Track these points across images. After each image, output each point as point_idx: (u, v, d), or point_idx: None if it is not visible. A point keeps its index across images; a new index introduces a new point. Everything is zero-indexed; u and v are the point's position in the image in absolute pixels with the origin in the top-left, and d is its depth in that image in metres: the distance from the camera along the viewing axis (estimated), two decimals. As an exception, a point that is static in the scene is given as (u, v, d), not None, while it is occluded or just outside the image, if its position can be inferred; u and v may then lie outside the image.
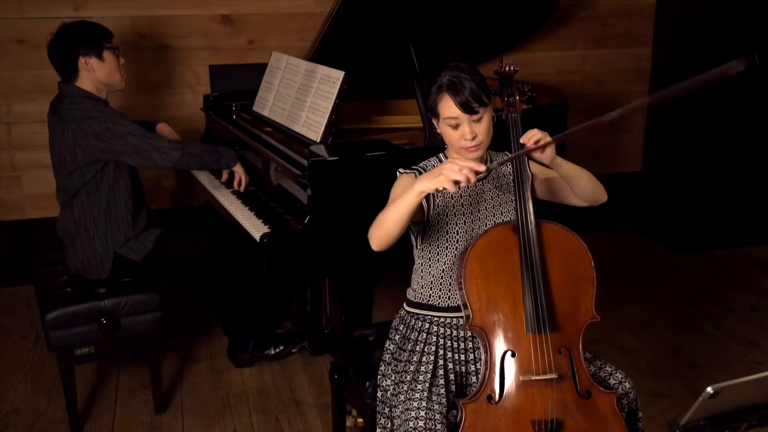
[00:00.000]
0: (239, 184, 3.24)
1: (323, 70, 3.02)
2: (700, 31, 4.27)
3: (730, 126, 4.44)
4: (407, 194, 1.91)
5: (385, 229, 1.98)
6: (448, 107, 2.02)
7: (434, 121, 2.11)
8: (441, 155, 2.18)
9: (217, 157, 3.15)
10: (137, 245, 3.01)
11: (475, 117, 2.02)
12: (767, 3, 4.26)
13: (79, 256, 2.97)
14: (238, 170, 3.22)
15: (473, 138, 2.03)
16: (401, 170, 2.16)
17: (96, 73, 2.96)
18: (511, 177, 2.16)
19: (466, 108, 2.00)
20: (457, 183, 1.83)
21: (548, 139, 2.03)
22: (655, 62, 4.69)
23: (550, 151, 2.04)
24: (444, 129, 2.07)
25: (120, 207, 2.98)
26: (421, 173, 2.11)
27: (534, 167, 2.21)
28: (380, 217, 2.00)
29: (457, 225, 2.12)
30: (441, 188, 1.85)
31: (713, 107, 4.38)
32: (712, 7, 4.22)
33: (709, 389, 1.46)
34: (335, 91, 2.89)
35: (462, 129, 2.03)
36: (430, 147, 2.93)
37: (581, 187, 2.15)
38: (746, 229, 4.64)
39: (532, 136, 2.04)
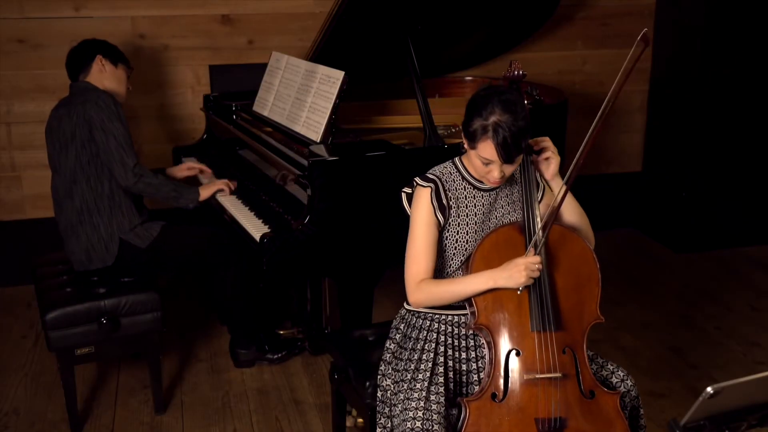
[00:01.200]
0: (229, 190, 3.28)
1: (323, 70, 3.02)
2: (700, 31, 4.27)
3: (730, 126, 4.44)
4: (479, 282, 2.01)
5: (438, 302, 2.10)
6: (488, 150, 1.98)
7: (465, 143, 2.07)
8: (457, 160, 2.15)
9: (176, 195, 3.13)
10: (143, 232, 3.03)
11: (509, 164, 2.02)
12: (767, 3, 4.26)
13: (84, 244, 2.98)
14: (205, 197, 3.22)
15: (501, 177, 2.04)
16: (418, 180, 2.12)
17: (106, 74, 3.07)
18: (519, 180, 2.16)
19: (506, 159, 1.99)
20: (537, 276, 2.00)
21: (556, 154, 2.10)
22: (655, 62, 4.69)
23: (554, 166, 2.11)
24: (473, 157, 2.04)
25: (122, 194, 3.01)
26: (437, 184, 2.09)
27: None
28: (435, 291, 2.07)
29: (467, 234, 2.12)
30: (521, 286, 1.99)
31: (713, 107, 4.37)
32: (712, 7, 4.21)
33: (709, 389, 1.46)
34: (335, 91, 2.89)
35: (491, 168, 2.02)
36: (430, 147, 2.93)
37: (572, 216, 2.18)
38: (746, 229, 4.64)
39: (540, 141, 2.05)
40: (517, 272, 1.97)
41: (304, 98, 3.07)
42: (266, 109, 3.36)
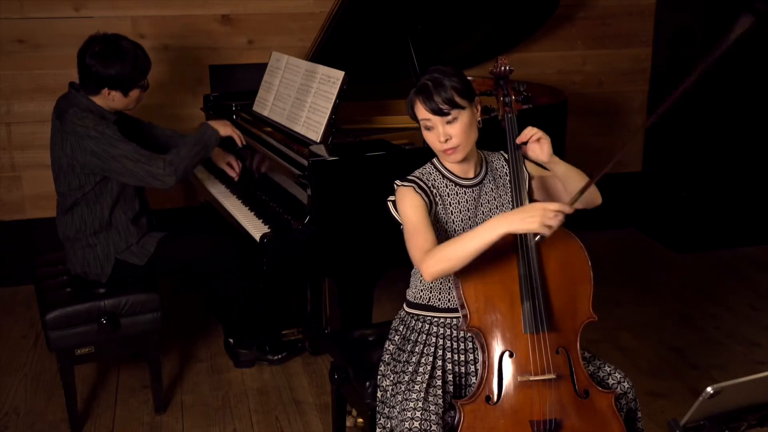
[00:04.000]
0: (235, 175, 3.25)
1: (323, 70, 3.02)
2: (700, 31, 4.27)
3: (730, 126, 4.44)
4: (485, 232, 1.88)
5: (452, 264, 1.93)
6: (420, 110, 2.05)
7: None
8: (435, 161, 2.17)
9: (203, 149, 3.00)
10: (139, 250, 3.00)
11: (447, 119, 2.02)
12: (767, 3, 4.25)
13: (80, 260, 2.97)
14: (228, 133, 3.10)
15: (446, 140, 2.03)
16: (398, 182, 2.12)
17: (114, 102, 2.93)
18: (508, 178, 2.16)
19: (435, 110, 2.01)
20: (551, 228, 1.86)
21: (545, 134, 2.08)
22: (655, 62, 4.69)
23: (546, 146, 2.09)
24: (423, 132, 2.09)
25: (120, 216, 2.97)
26: (419, 184, 2.09)
27: (530, 167, 2.22)
28: (444, 253, 1.93)
29: (456, 228, 2.12)
30: (535, 234, 1.91)
31: (713, 107, 4.38)
32: (712, 7, 4.21)
33: (709, 389, 1.46)
34: (335, 91, 2.89)
35: (436, 131, 2.04)
36: (429, 147, 2.93)
37: (576, 187, 2.12)
38: (746, 229, 4.64)
39: (526, 133, 2.08)
40: (530, 216, 1.84)
41: (304, 98, 3.07)
42: (266, 109, 3.36)
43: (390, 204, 2.14)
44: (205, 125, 3.08)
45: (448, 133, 2.03)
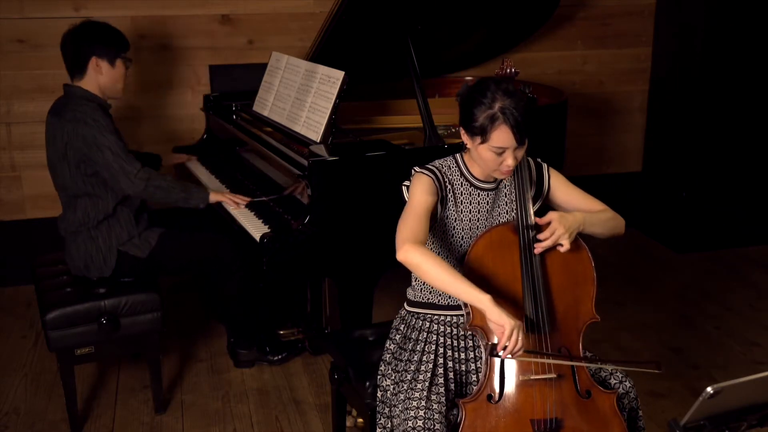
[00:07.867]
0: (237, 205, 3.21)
1: (323, 70, 3.02)
2: (700, 31, 4.27)
3: (730, 126, 4.44)
4: (468, 294, 1.89)
5: (422, 275, 1.95)
6: (503, 137, 1.97)
7: (470, 140, 2.05)
8: (458, 156, 2.15)
9: (185, 195, 3.05)
10: (141, 242, 3.01)
11: (521, 146, 2.01)
12: (767, 3, 4.26)
13: (82, 254, 2.97)
14: (218, 200, 3.11)
15: (514, 163, 2.02)
16: (417, 169, 2.12)
17: (103, 77, 2.98)
18: (513, 180, 2.16)
19: (521, 140, 1.98)
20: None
21: (561, 237, 2.02)
22: (655, 62, 4.69)
23: (569, 235, 2.04)
24: (483, 152, 2.02)
25: (123, 210, 2.98)
26: (436, 174, 2.09)
27: (558, 200, 2.22)
28: (428, 266, 1.91)
29: (463, 230, 2.12)
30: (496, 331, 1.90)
31: (713, 107, 4.37)
32: (712, 7, 4.21)
33: (709, 389, 1.47)
34: (335, 91, 2.89)
35: (505, 156, 2.00)
36: (430, 147, 2.93)
37: (602, 235, 2.18)
38: (746, 229, 4.64)
39: (543, 246, 2.04)
40: (506, 324, 1.84)
41: (304, 98, 3.07)
42: (266, 109, 3.36)
43: (404, 188, 2.14)
44: (204, 194, 3.09)
45: (517, 158, 2.02)
